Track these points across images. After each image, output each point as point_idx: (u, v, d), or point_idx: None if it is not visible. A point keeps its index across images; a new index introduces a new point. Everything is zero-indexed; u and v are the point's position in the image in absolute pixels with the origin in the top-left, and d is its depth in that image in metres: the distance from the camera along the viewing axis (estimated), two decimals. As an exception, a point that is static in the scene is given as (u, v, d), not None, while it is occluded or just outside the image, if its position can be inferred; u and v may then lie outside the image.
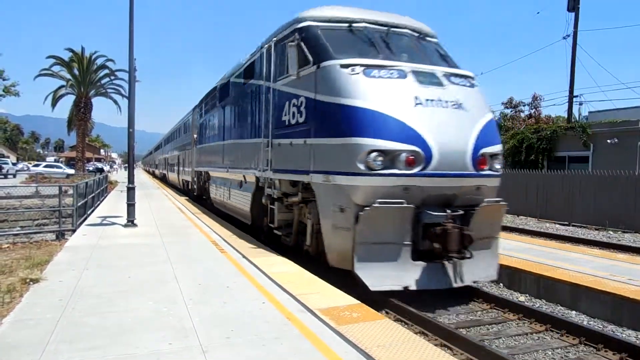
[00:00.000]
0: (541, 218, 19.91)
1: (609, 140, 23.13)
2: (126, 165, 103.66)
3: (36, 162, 64.12)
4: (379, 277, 6.92)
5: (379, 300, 7.01)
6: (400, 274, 7.03)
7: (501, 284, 9.19)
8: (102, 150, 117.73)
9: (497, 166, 7.81)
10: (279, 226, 9.80)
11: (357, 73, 7.19)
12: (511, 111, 42.47)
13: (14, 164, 54.85)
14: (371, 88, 7.10)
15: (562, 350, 6.02)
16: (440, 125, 7.06)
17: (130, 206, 12.61)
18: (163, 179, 41.82)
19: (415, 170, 6.88)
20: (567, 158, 25.90)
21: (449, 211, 7.15)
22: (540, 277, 8.49)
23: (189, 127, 22.50)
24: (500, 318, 7.23)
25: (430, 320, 6.48)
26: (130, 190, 12.78)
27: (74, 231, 11.96)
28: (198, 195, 20.33)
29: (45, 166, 49.51)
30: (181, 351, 4.36)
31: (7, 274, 7.50)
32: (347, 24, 8.36)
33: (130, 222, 12.53)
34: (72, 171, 42.38)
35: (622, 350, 5.76)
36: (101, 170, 49.17)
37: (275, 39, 9.64)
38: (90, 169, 51.52)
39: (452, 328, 6.25)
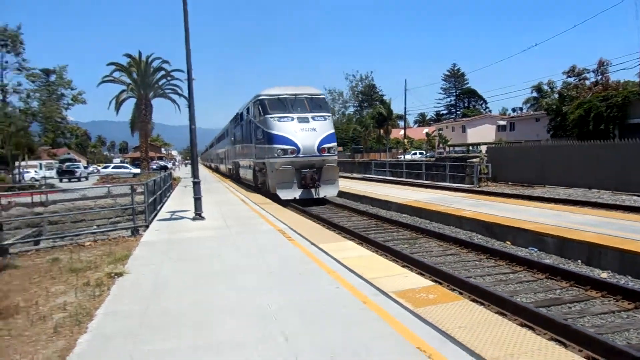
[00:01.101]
0: (616, 190, 18.76)
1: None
2: (186, 161, 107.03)
3: (105, 164, 67.77)
4: (285, 194, 17.80)
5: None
6: (293, 193, 17.93)
7: (579, 261, 8.78)
8: (162, 149, 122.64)
9: (332, 151, 18.59)
10: (260, 183, 20.81)
11: (275, 119, 18.00)
12: (574, 80, 40.11)
13: (85, 168, 58.19)
14: (280, 125, 17.89)
15: (656, 329, 5.66)
16: (304, 138, 17.78)
17: (197, 200, 13.04)
18: (217, 171, 49.17)
19: (294, 155, 17.65)
20: (642, 125, 24.23)
21: (309, 169, 17.94)
22: (623, 251, 8.02)
23: (229, 132, 32.09)
24: (582, 296, 6.89)
25: (509, 300, 6.29)
26: (196, 185, 13.21)
27: (147, 227, 12.52)
28: (235, 177, 31.12)
29: (114, 167, 52.17)
30: (264, 338, 4.47)
31: (93, 270, 7.97)
32: (277, 96, 18.85)
33: (198, 215, 12.97)
34: (138, 170, 44.45)
35: None
36: (165, 168, 51.19)
37: (252, 101, 20.42)
38: (154, 167, 53.76)
39: (532, 307, 6.02)
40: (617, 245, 8.24)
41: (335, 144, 18.89)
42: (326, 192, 18.48)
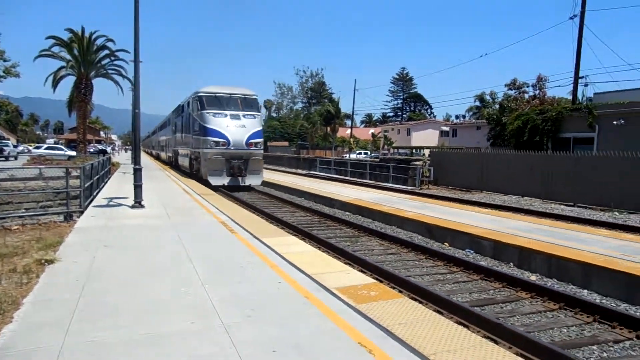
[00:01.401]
0: (546, 199, 19.91)
1: (615, 122, 23.03)
2: (126, 147, 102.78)
3: (37, 145, 63.87)
4: (215, 180, 20.11)
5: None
6: (222, 180, 20.26)
7: (512, 264, 9.23)
8: (101, 132, 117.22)
9: (258, 146, 21.20)
10: (195, 170, 22.92)
11: (210, 115, 20.55)
12: (515, 92, 42.13)
13: (14, 146, 54.49)
14: (214, 120, 20.43)
15: (577, 328, 6.06)
16: (234, 133, 20.35)
17: (137, 187, 12.57)
18: (158, 158, 49.44)
19: (225, 147, 20.21)
20: (572, 139, 25.80)
21: (237, 160, 20.42)
22: (551, 256, 8.52)
23: (171, 122, 33.62)
24: (513, 297, 7.26)
25: (446, 299, 6.51)
26: (137, 172, 12.72)
27: (82, 212, 11.94)
28: (174, 165, 32.20)
29: (47, 148, 49.28)
30: (205, 330, 4.38)
31: (20, 255, 7.48)
32: (214, 94, 21.29)
33: (138, 203, 12.52)
34: (73, 153, 42.21)
35: (639, 328, 5.80)
36: (104, 152, 49.01)
37: (192, 96, 22.80)
38: (92, 150, 51.29)
39: (468, 307, 6.27)
40: (545, 250, 8.74)
41: (261, 139, 21.77)
42: (251, 181, 21.18)
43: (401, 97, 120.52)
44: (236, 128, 20.49)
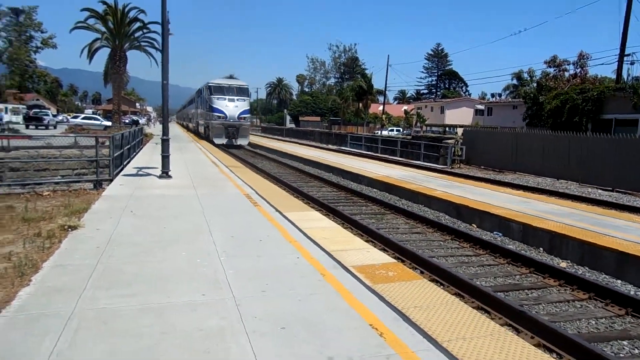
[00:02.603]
0: (583, 182, 19.12)
1: (662, 103, 21.77)
2: (160, 119, 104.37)
3: (75, 114, 65.49)
4: (218, 140, 31.40)
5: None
6: (222, 140, 31.60)
7: (541, 249, 8.89)
8: (137, 104, 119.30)
9: (246, 119, 33.29)
10: (206, 135, 34.55)
11: (215, 98, 32.01)
12: (554, 70, 40.35)
13: (54, 116, 56.05)
14: (218, 102, 31.97)
15: (606, 321, 5.75)
16: (230, 110, 31.90)
17: (165, 158, 12.68)
18: (187, 128, 57.72)
19: (224, 120, 31.71)
20: (614, 121, 24.61)
21: (232, 128, 32.02)
22: (583, 243, 8.13)
23: (195, 100, 43.47)
24: (540, 283, 6.97)
25: (468, 282, 6.29)
26: (165, 142, 12.81)
27: (110, 181, 12.15)
28: (196, 132, 42.51)
29: (84, 118, 50.42)
30: (215, 303, 4.33)
31: (47, 220, 7.64)
32: (219, 84, 32.97)
33: (165, 173, 12.64)
34: (109, 123, 43.15)
35: (674, 323, 5.47)
36: (136, 123, 49.90)
37: (206, 85, 34.12)
38: (127, 121, 52.32)
39: (490, 291, 6.04)
40: (577, 236, 8.35)
41: (248, 115, 33.36)
42: (241, 142, 32.00)
43: (435, 74, 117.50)
44: (232, 107, 31.25)
